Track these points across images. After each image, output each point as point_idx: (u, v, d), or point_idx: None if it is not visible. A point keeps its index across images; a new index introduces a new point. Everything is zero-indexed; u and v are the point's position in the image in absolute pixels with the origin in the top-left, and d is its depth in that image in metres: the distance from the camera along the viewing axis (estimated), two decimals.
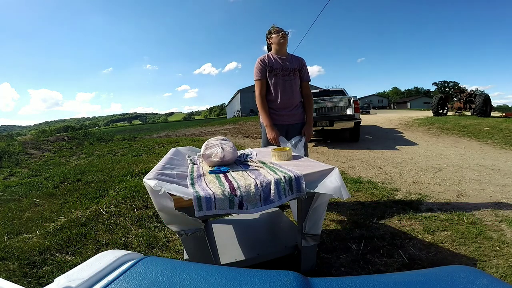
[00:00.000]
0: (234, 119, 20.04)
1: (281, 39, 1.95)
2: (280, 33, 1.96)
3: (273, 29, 2.02)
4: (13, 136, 8.90)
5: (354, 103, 5.66)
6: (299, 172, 1.11)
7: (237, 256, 1.29)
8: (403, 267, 1.39)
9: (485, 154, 4.47)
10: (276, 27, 2.03)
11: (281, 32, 1.97)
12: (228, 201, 0.95)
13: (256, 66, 1.99)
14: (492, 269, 1.35)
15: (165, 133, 12.79)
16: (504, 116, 11.43)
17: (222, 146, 1.35)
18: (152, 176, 0.98)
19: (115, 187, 2.88)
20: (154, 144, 6.66)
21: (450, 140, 6.17)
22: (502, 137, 5.75)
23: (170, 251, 1.65)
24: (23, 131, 58.36)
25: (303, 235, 1.21)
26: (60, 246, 1.70)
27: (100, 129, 13.34)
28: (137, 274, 0.39)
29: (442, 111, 12.73)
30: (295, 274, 0.39)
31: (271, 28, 2.05)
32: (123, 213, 2.20)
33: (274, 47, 2.00)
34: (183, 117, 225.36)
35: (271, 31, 2.03)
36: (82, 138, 7.55)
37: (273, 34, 2.00)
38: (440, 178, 3.06)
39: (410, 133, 7.39)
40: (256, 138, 7.73)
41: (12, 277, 1.38)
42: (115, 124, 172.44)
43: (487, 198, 2.38)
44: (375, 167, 3.77)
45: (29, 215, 2.24)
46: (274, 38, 1.98)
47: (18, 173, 3.90)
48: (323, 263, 1.46)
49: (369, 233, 1.76)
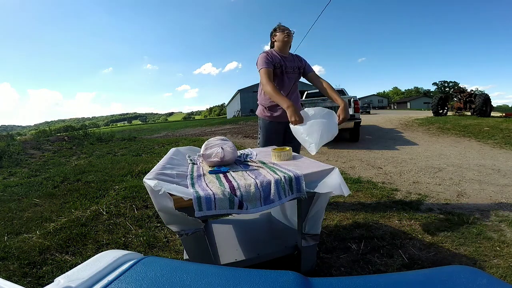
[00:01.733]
0: (234, 119, 20.03)
1: (285, 37, 1.93)
2: (285, 32, 1.95)
3: (279, 27, 2.00)
4: (13, 136, 8.90)
5: (354, 103, 5.66)
6: (299, 172, 1.10)
7: (237, 256, 1.29)
8: (403, 267, 1.39)
9: (485, 154, 4.46)
10: (282, 26, 2.02)
11: (286, 31, 1.96)
12: (228, 201, 0.95)
13: (261, 56, 1.91)
14: (492, 269, 1.35)
15: (165, 133, 12.79)
16: (504, 116, 11.43)
17: (222, 146, 1.35)
18: (152, 176, 0.98)
19: (115, 187, 2.88)
20: (154, 144, 6.66)
21: (450, 140, 6.17)
22: (502, 137, 5.75)
23: (170, 251, 1.65)
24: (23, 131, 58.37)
25: (303, 235, 1.21)
26: (60, 246, 1.70)
27: (100, 129, 13.31)
28: (137, 274, 0.39)
29: (442, 111, 12.73)
30: (295, 274, 0.39)
31: (277, 26, 2.03)
32: (123, 213, 2.20)
33: (277, 44, 1.98)
34: (183, 117, 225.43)
35: (276, 29, 2.01)
36: (82, 138, 7.55)
37: (278, 32, 1.98)
38: (440, 178, 3.06)
39: (410, 133, 7.39)
40: (256, 138, 7.73)
41: (12, 277, 1.38)
42: (115, 124, 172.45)
43: (487, 198, 2.38)
44: (375, 167, 3.77)
45: (29, 215, 2.24)
46: (279, 36, 1.95)
47: (18, 173, 3.90)
48: (323, 263, 1.46)
49: (369, 233, 1.76)
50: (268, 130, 2.05)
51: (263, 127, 2.08)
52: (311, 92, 7.84)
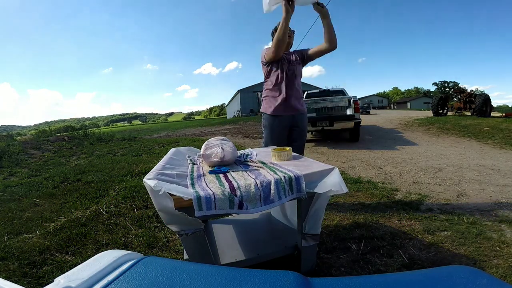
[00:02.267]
0: (234, 119, 20.03)
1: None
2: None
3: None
4: (13, 136, 8.89)
5: (354, 103, 5.66)
6: (299, 172, 1.10)
7: (237, 256, 1.29)
8: (403, 267, 1.39)
9: (485, 154, 4.46)
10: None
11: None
12: (228, 201, 0.95)
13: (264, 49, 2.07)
14: (492, 269, 1.35)
15: (165, 133, 12.79)
16: (504, 116, 11.43)
17: (222, 146, 1.35)
18: (152, 176, 0.98)
19: (115, 187, 2.88)
20: (154, 144, 6.66)
21: (450, 140, 6.17)
22: (502, 137, 5.75)
23: (170, 251, 1.65)
24: (23, 131, 58.41)
25: (303, 235, 1.21)
26: (60, 246, 1.70)
27: (100, 129, 13.30)
28: (137, 274, 0.39)
29: (442, 111, 12.74)
30: (295, 274, 0.39)
31: (278, 25, 2.05)
32: (123, 213, 2.20)
33: None
34: (183, 117, 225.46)
35: (277, 27, 2.03)
36: (82, 138, 7.55)
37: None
38: (440, 178, 3.06)
39: (410, 133, 7.39)
40: (256, 138, 7.73)
41: (12, 277, 1.38)
42: (115, 124, 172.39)
43: (487, 198, 2.38)
44: (375, 167, 3.77)
45: (29, 215, 2.24)
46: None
47: (18, 173, 3.90)
48: (323, 263, 1.46)
49: (369, 233, 1.75)
50: (273, 126, 2.06)
51: (267, 125, 2.09)
52: (311, 92, 7.85)
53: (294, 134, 2.10)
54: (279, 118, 2.04)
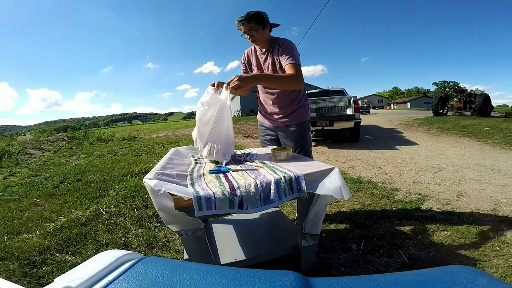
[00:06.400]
0: (234, 119, 20.02)
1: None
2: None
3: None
4: (13, 136, 8.89)
5: (354, 103, 5.67)
6: (299, 172, 1.10)
7: (237, 256, 1.29)
8: (403, 267, 1.39)
9: (485, 154, 4.46)
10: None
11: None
12: (228, 201, 0.95)
13: (295, 47, 1.82)
14: (492, 269, 1.35)
15: (165, 133, 12.79)
16: (504, 116, 11.43)
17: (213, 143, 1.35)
18: (152, 176, 0.98)
19: (115, 187, 2.88)
20: (154, 144, 6.66)
21: (450, 140, 6.17)
22: (502, 137, 5.76)
23: (170, 251, 1.65)
24: (23, 131, 58.44)
25: (303, 235, 1.21)
26: (60, 246, 1.70)
27: (100, 129, 13.32)
28: (137, 274, 0.39)
29: (442, 111, 12.74)
30: (295, 274, 0.39)
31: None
32: (123, 213, 2.20)
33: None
34: (183, 117, 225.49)
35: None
36: (82, 138, 7.55)
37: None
38: (440, 178, 3.06)
39: (410, 133, 7.40)
40: (256, 138, 7.73)
41: (12, 277, 1.38)
42: (115, 124, 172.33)
43: (487, 198, 2.38)
44: (375, 167, 3.77)
45: (29, 215, 2.24)
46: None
47: (18, 173, 3.90)
48: (323, 263, 1.46)
49: (369, 233, 1.76)
50: (261, 135, 1.99)
51: (259, 132, 2.04)
52: (312, 92, 7.85)
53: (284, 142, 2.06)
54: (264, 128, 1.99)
